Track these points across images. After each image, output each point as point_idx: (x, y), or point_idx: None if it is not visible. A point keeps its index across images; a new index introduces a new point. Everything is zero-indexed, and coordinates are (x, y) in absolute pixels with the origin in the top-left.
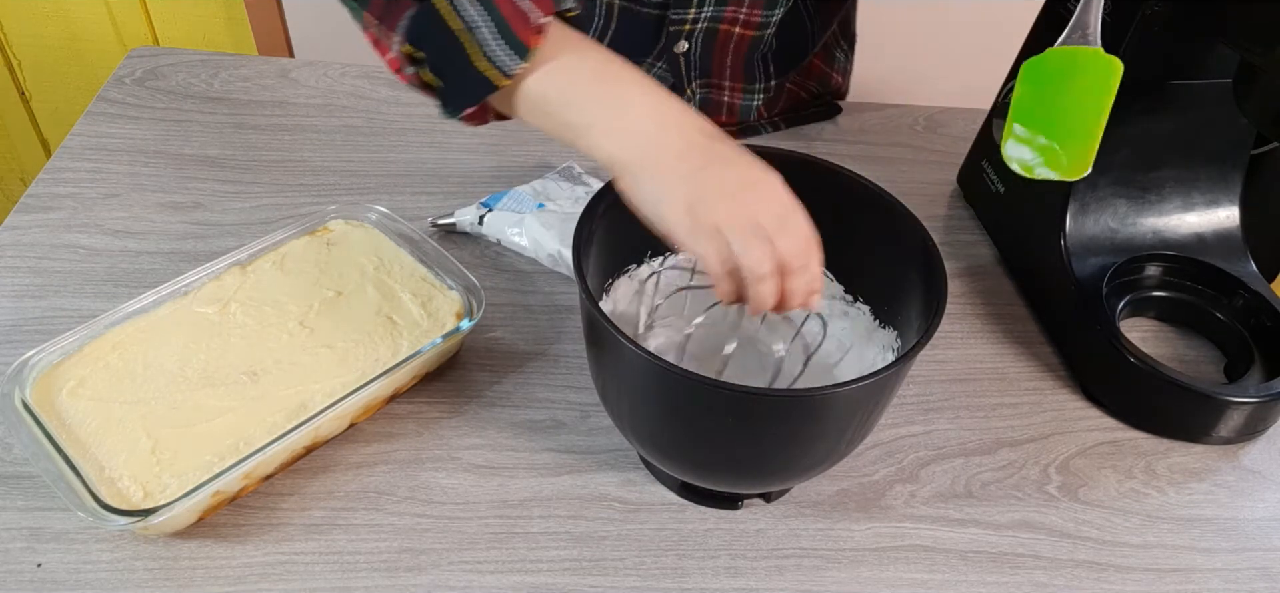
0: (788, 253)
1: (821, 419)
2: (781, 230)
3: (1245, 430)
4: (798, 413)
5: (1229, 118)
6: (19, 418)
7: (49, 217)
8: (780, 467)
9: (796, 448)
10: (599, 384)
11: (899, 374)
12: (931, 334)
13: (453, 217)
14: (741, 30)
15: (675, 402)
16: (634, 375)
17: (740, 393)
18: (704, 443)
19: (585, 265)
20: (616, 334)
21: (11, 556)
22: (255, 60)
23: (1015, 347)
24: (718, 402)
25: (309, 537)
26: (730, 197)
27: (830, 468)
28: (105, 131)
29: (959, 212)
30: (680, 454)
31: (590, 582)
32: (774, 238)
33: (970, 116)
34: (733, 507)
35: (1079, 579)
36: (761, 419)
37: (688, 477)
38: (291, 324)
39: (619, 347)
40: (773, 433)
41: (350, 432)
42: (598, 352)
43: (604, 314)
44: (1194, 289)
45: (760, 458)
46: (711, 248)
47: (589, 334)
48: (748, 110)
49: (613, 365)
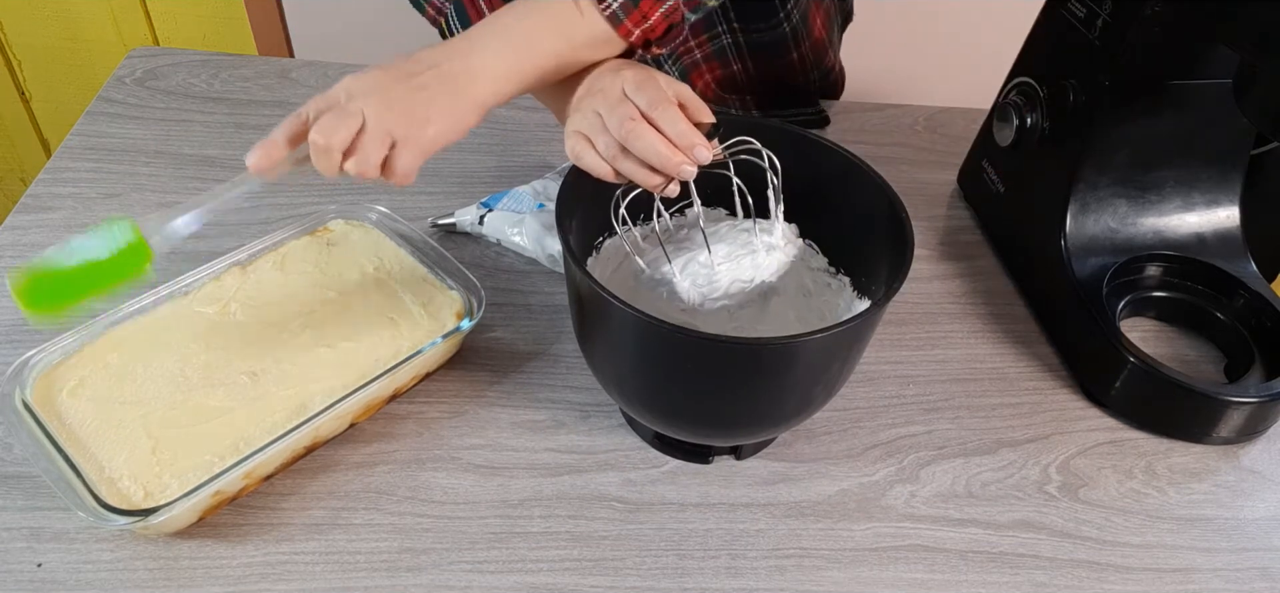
0: (618, 123)
1: (784, 369)
2: (613, 108)
3: (1245, 431)
4: (756, 361)
5: (1229, 118)
6: (19, 418)
7: (49, 217)
8: (747, 416)
9: (766, 398)
10: (578, 333)
11: (859, 326)
12: (896, 289)
13: (453, 217)
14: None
15: (642, 347)
16: (602, 320)
17: (701, 339)
18: (670, 389)
19: (569, 224)
20: (585, 276)
21: (11, 556)
22: (255, 60)
23: (1015, 347)
24: (681, 348)
25: (309, 537)
26: (581, 103)
27: (800, 423)
28: (105, 131)
29: (959, 212)
30: (647, 400)
31: (590, 582)
32: (608, 115)
33: (970, 116)
34: (703, 461)
35: (1079, 579)
36: (724, 367)
37: (656, 424)
38: (292, 324)
39: (593, 294)
40: (736, 381)
41: (350, 432)
42: (575, 300)
43: (575, 255)
44: (1194, 289)
45: (724, 405)
46: (587, 156)
47: (569, 286)
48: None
49: (587, 314)
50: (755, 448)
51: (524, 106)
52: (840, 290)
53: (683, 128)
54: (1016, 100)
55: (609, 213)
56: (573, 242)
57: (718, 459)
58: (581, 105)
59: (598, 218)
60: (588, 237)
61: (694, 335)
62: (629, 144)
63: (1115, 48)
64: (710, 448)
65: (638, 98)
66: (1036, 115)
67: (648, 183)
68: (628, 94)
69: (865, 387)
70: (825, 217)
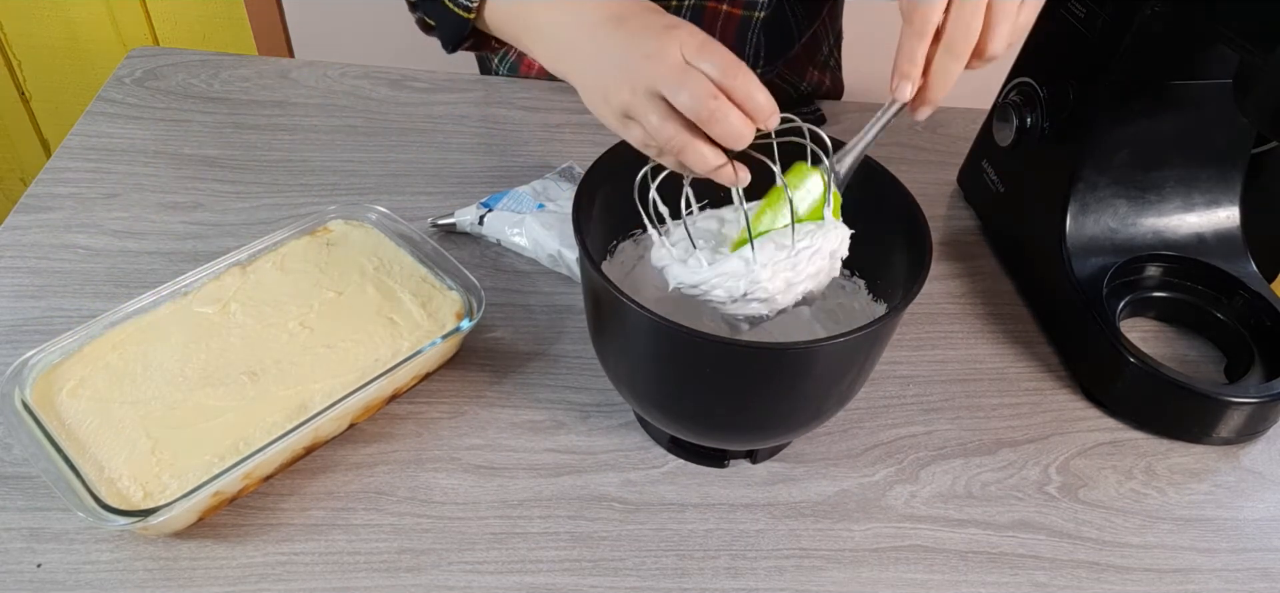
0: (694, 102)
1: (801, 374)
2: (680, 89)
3: (1245, 431)
4: (776, 366)
5: (1229, 118)
6: (19, 418)
7: (49, 217)
8: (761, 420)
9: (784, 403)
10: (594, 337)
11: (880, 330)
12: (915, 292)
13: (453, 217)
14: (729, 8)
15: (658, 350)
16: (618, 323)
17: (723, 344)
18: (687, 393)
19: (586, 226)
20: (603, 279)
21: (11, 556)
22: (255, 60)
23: (1015, 347)
24: (697, 351)
25: (309, 537)
26: (632, 71)
27: (815, 428)
28: (105, 131)
29: (959, 212)
30: (663, 403)
31: (590, 582)
32: (676, 92)
33: (970, 117)
34: (720, 465)
35: (1079, 579)
36: (740, 371)
37: (672, 428)
38: (291, 324)
39: (611, 299)
40: (753, 385)
41: (350, 432)
42: (591, 303)
43: (592, 257)
44: (1194, 289)
45: (743, 410)
46: (631, 134)
47: (584, 287)
48: None
49: (604, 318)
50: (769, 452)
51: (524, 107)
52: (855, 293)
53: (763, 99)
54: (1016, 100)
55: (624, 215)
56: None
57: (733, 463)
58: (628, 72)
59: (611, 221)
60: (603, 239)
61: (715, 340)
62: (711, 126)
63: (1115, 48)
64: (726, 453)
65: (705, 65)
66: (1036, 115)
67: (720, 174)
68: (690, 61)
69: (865, 387)
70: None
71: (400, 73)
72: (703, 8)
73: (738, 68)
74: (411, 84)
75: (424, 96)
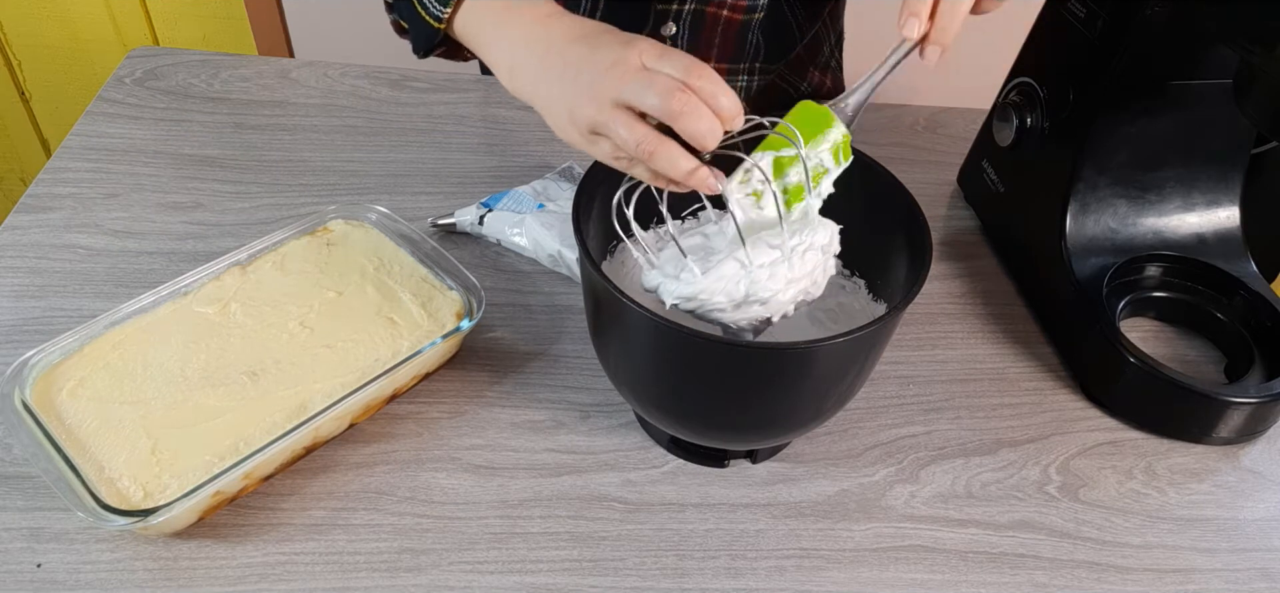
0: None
1: (801, 374)
2: (646, 90)
3: (1245, 431)
4: (776, 366)
5: (1229, 118)
6: (19, 418)
7: (49, 217)
8: (761, 420)
9: (784, 403)
10: (594, 337)
11: (880, 330)
12: (915, 291)
13: (453, 217)
14: (729, 13)
15: (658, 350)
16: (618, 323)
17: (724, 345)
18: (687, 393)
19: (586, 226)
20: (603, 279)
21: (11, 556)
22: (255, 60)
23: (1015, 347)
24: (697, 351)
25: (309, 537)
26: (594, 86)
27: (816, 427)
28: (105, 131)
29: (959, 212)
30: (663, 404)
31: (590, 582)
32: (643, 94)
33: (970, 117)
34: (720, 465)
35: (1079, 580)
36: (740, 371)
37: (672, 428)
38: (291, 324)
39: (611, 299)
40: (753, 385)
41: (350, 432)
42: (591, 303)
43: (593, 258)
44: (1194, 289)
45: (743, 409)
46: (599, 150)
47: (584, 287)
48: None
49: (604, 318)
50: (769, 453)
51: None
52: (855, 293)
53: (727, 102)
54: (1016, 100)
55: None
56: (589, 245)
57: (733, 463)
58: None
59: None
60: (603, 239)
61: (716, 340)
62: (680, 123)
63: (1115, 48)
64: (726, 453)
65: (668, 68)
66: (1036, 115)
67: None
68: (649, 65)
69: (865, 387)
70: (840, 219)
71: (400, 73)
72: (702, 12)
73: (701, 69)
74: (412, 84)
75: (424, 96)
